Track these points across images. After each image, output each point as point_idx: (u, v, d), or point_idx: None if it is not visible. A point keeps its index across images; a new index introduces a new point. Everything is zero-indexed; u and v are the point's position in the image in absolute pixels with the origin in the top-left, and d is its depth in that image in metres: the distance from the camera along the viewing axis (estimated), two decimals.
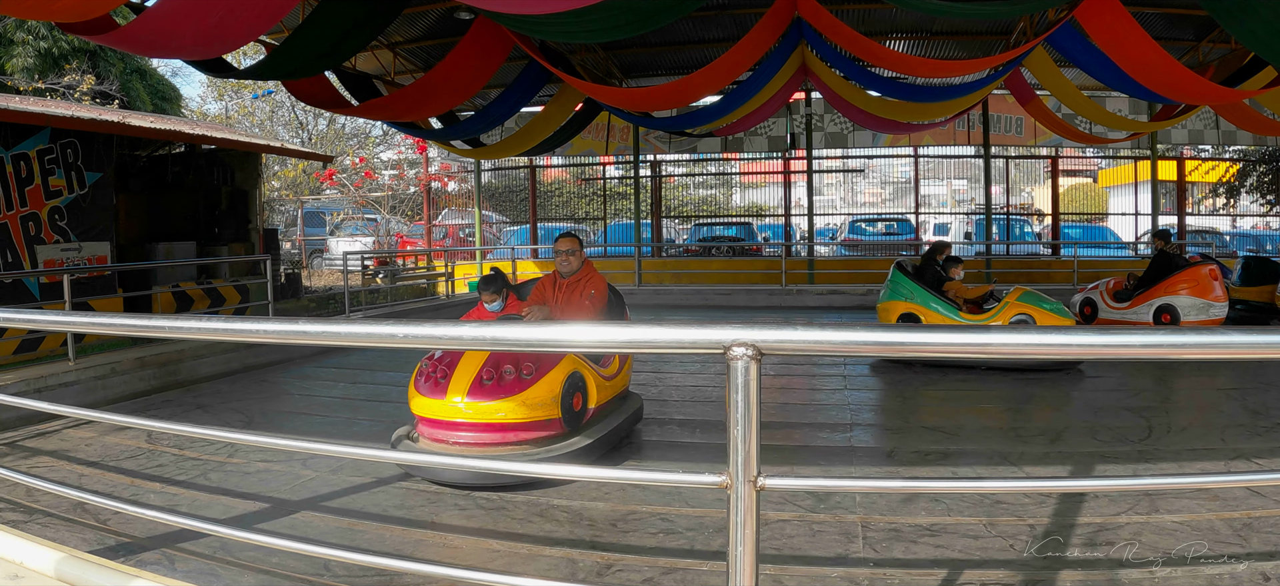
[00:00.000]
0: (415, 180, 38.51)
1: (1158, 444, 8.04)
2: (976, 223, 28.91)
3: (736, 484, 2.75)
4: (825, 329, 2.78)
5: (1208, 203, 34.08)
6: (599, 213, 29.93)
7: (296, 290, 21.67)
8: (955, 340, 2.88)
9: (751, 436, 2.72)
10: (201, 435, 5.29)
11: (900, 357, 9.76)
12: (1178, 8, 17.62)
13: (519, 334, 3.15)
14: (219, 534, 4.68)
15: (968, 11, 13.21)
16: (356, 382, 11.60)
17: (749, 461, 2.72)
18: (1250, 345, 2.77)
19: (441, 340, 3.18)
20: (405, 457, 6.14)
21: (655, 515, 5.89)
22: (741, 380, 2.70)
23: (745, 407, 2.70)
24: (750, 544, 2.77)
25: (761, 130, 25.07)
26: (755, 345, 2.68)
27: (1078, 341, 2.87)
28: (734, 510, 2.77)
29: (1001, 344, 2.88)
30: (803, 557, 5.19)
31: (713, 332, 2.76)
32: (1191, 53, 19.69)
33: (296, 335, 3.58)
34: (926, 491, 6.22)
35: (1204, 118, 24.49)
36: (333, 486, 6.62)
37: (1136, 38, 13.21)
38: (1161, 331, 2.72)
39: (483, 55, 14.49)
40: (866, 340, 2.84)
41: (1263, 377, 10.94)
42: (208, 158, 20.07)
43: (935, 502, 6.05)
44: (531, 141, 20.28)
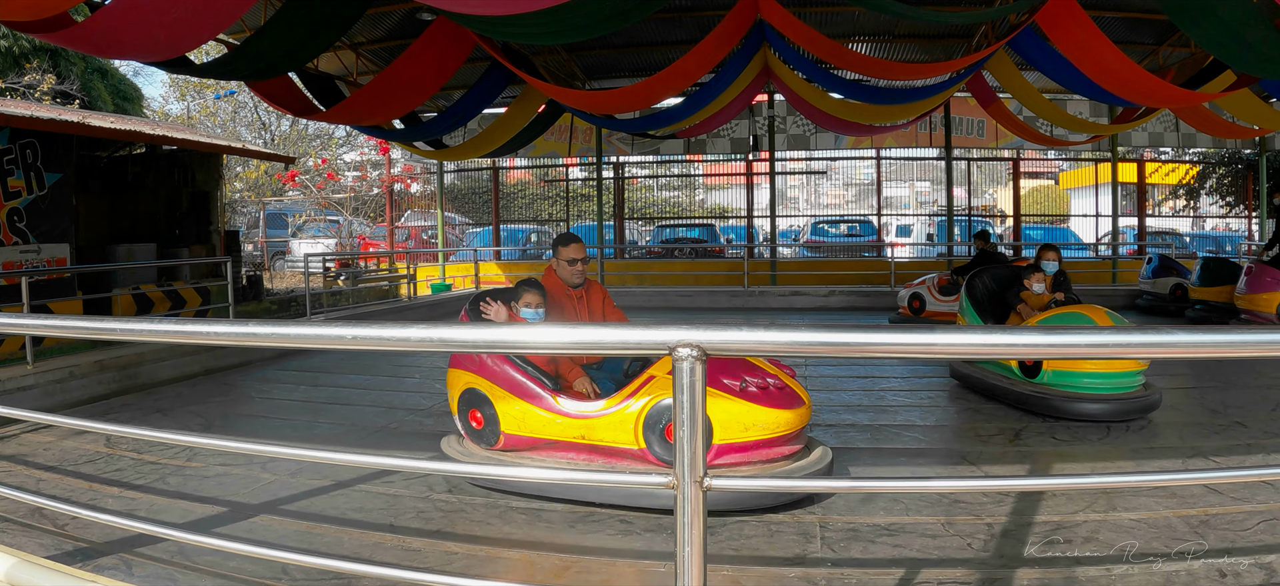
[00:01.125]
0: (378, 182, 38.37)
1: (1115, 443, 8.10)
2: (939, 224, 29.05)
3: (683, 484, 2.75)
4: (770, 330, 2.79)
5: (1168, 204, 34.38)
6: (562, 214, 29.91)
7: (258, 292, 21.55)
8: (899, 340, 2.88)
9: (697, 437, 2.73)
10: (160, 439, 5.26)
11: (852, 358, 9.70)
12: (1138, 12, 17.79)
13: (477, 336, 3.15)
14: (177, 538, 4.67)
15: (930, 15, 13.28)
16: (317, 385, 11.56)
17: (695, 462, 2.73)
18: (1208, 344, 2.80)
19: (400, 342, 3.17)
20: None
21: (614, 516, 5.88)
22: (687, 381, 2.70)
23: (691, 408, 2.71)
24: (697, 544, 2.78)
25: (724, 132, 25.14)
26: (700, 346, 2.69)
27: (1036, 341, 2.89)
28: (681, 510, 2.77)
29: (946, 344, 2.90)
30: (761, 558, 5.20)
31: (658, 333, 2.77)
32: (1152, 56, 19.86)
33: (256, 337, 3.56)
34: (880, 491, 6.25)
35: (1164, 120, 24.70)
36: (291, 489, 6.59)
37: (1097, 41, 13.32)
38: (1117, 332, 2.74)
39: (443, 56, 14.48)
40: (810, 341, 2.84)
41: (1220, 376, 11.05)
42: (169, 159, 19.97)
43: (894, 502, 6.07)
44: (494, 143, 20.26)
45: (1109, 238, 26.61)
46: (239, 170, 37.62)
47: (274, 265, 34.65)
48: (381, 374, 12.12)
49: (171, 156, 20.01)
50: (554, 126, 21.87)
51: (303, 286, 17.43)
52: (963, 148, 25.95)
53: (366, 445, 8.27)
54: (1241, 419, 8.85)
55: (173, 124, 28.77)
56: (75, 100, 28.11)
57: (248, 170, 38.08)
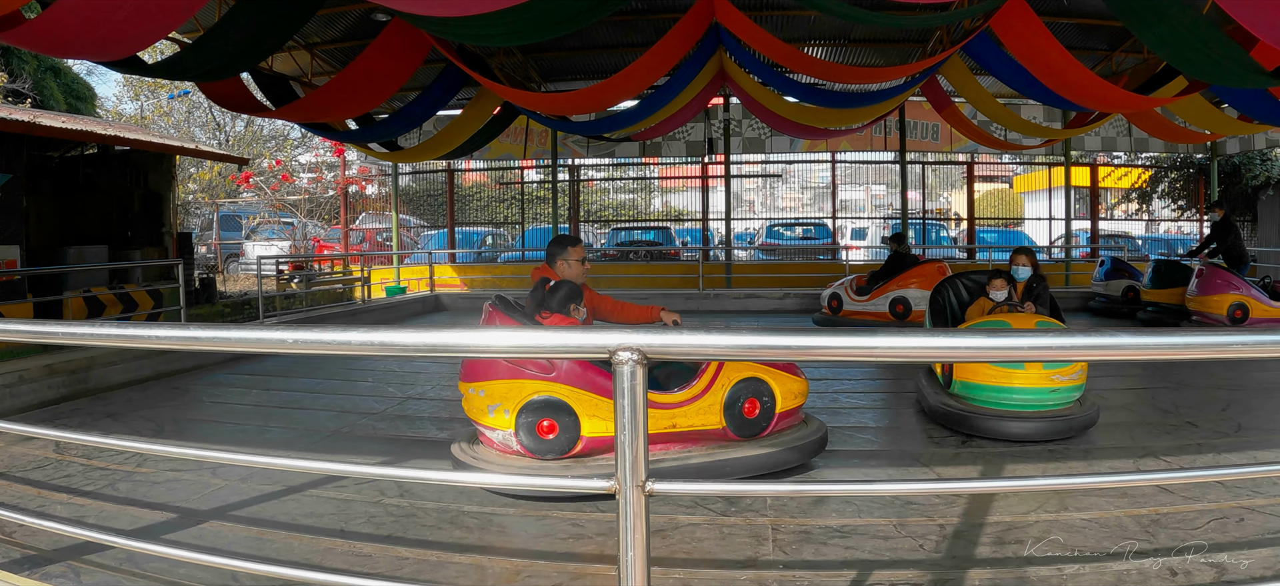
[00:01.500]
0: (333, 183, 38.22)
1: (1068, 443, 8.16)
2: (893, 227, 29.18)
3: (625, 488, 2.75)
4: (710, 333, 2.79)
5: (1121, 208, 34.67)
6: (517, 217, 29.85)
7: (211, 295, 21.41)
8: (836, 344, 2.88)
9: (639, 440, 2.73)
10: (110, 445, 5.20)
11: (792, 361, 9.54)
12: (1091, 18, 17.93)
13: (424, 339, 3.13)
14: (125, 546, 4.62)
15: (885, 20, 13.33)
16: (270, 389, 11.48)
17: (637, 465, 2.73)
18: (1159, 346, 2.83)
19: (345, 345, 3.16)
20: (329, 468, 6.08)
21: (566, 520, 5.87)
22: (627, 384, 2.71)
23: (632, 412, 2.71)
24: (640, 547, 2.78)
25: (680, 135, 25.16)
26: (640, 349, 2.69)
27: (982, 344, 2.90)
28: (623, 514, 2.78)
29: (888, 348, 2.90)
30: (713, 561, 5.20)
31: (599, 337, 2.76)
32: (1105, 62, 20.03)
33: (207, 342, 3.53)
34: (832, 494, 6.26)
35: (1117, 125, 24.93)
36: (242, 495, 6.53)
37: (1050, 47, 13.41)
38: (1070, 335, 2.76)
39: (399, 57, 14.40)
40: (749, 344, 2.85)
41: (1172, 377, 11.17)
42: (121, 159, 19.81)
43: (846, 504, 6.09)
44: (449, 145, 20.19)
45: (1062, 241, 26.82)
46: (193, 171, 37.35)
47: (228, 268, 34.43)
48: (335, 377, 12.05)
49: (124, 157, 19.86)
50: (510, 129, 21.83)
51: (256, 289, 17.32)
52: (917, 151, 26.07)
53: (319, 450, 8.19)
54: (1192, 419, 8.95)
55: (126, 124, 28.52)
56: (27, 99, 27.82)
57: (201, 171, 37.80)
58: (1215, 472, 3.41)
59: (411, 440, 8.54)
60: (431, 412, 9.76)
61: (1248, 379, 11.13)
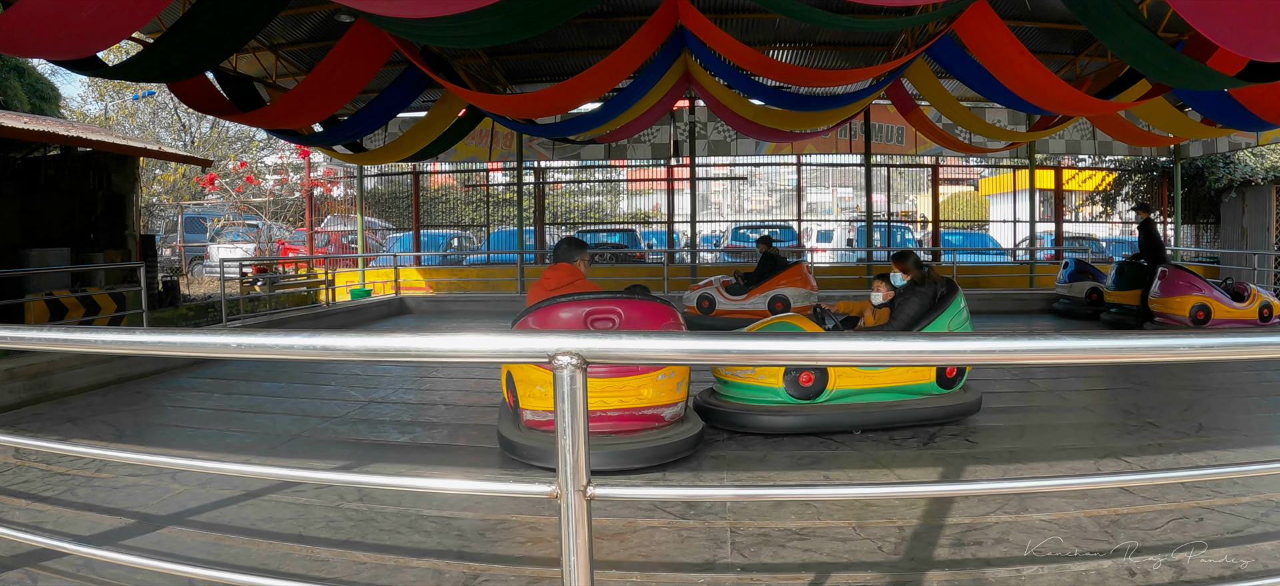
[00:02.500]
0: (298, 185, 38.05)
1: (1030, 443, 8.22)
2: (859, 230, 29.26)
3: (566, 493, 2.75)
4: (648, 337, 2.80)
5: (1085, 210, 34.86)
6: (483, 219, 29.80)
7: (174, 298, 21.31)
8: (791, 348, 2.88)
9: (580, 445, 2.72)
10: (69, 451, 5.16)
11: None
12: (1056, 22, 18.03)
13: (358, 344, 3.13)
14: (82, 553, 4.59)
15: (849, 23, 13.37)
16: (232, 393, 11.40)
17: (578, 470, 2.72)
18: (1121, 349, 2.84)
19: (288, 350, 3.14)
20: None
21: (525, 524, 5.86)
22: (567, 388, 2.70)
23: (572, 416, 2.70)
24: (583, 552, 2.77)
25: (645, 137, 25.18)
26: (579, 353, 2.68)
27: (950, 348, 2.90)
28: (565, 519, 2.77)
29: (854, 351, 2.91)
30: (670, 564, 5.20)
31: (538, 341, 2.76)
32: (1069, 66, 20.16)
33: (164, 346, 3.51)
34: (790, 498, 6.26)
35: (1081, 128, 25.11)
36: (201, 500, 6.49)
37: (1014, 51, 13.49)
38: (1036, 338, 2.78)
39: (362, 59, 14.36)
40: (688, 349, 2.85)
41: (1134, 378, 11.26)
42: (84, 160, 19.70)
43: (806, 507, 6.09)
44: (414, 147, 20.14)
45: (1027, 243, 26.97)
46: (157, 173, 37.13)
47: (192, 270, 34.27)
48: (297, 381, 12.00)
49: (87, 158, 19.75)
50: (475, 131, 21.77)
51: (220, 292, 17.25)
52: (883, 154, 26.18)
53: (279, 454, 8.14)
54: (1153, 419, 9.03)
55: (89, 125, 28.37)
56: None
57: (165, 173, 37.57)
58: (1176, 474, 3.43)
59: (372, 444, 8.51)
60: (393, 416, 9.73)
61: (1210, 380, 11.24)
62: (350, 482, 3.69)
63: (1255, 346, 2.91)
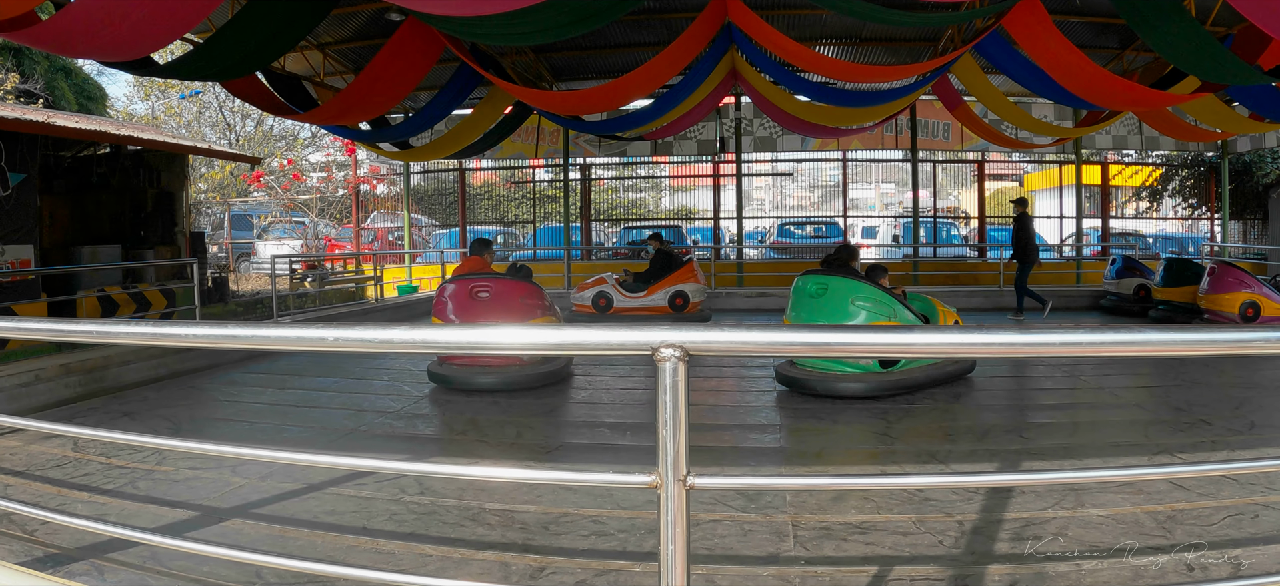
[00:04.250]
0: (344, 183, 38.18)
1: (1083, 440, 8.22)
2: (904, 226, 29.16)
3: (666, 483, 2.77)
4: (752, 331, 2.81)
5: (1131, 206, 34.63)
6: (529, 216, 29.83)
7: (223, 294, 21.46)
8: (881, 340, 2.91)
9: (680, 436, 2.74)
10: (129, 442, 5.21)
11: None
12: (1103, 17, 17.91)
13: (449, 337, 3.15)
14: (149, 542, 4.63)
15: (897, 18, 13.33)
16: (285, 388, 11.49)
17: (679, 461, 2.75)
18: (1171, 343, 2.85)
19: (369, 343, 3.17)
20: None
21: (587, 517, 5.88)
22: (670, 381, 2.73)
23: (674, 408, 2.72)
24: (681, 542, 2.79)
25: (691, 134, 25.15)
26: (683, 346, 2.71)
27: (1007, 340, 2.91)
28: (665, 509, 2.79)
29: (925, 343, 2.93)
30: (734, 557, 5.22)
31: (642, 334, 2.79)
32: (1116, 60, 20.02)
33: (224, 339, 3.54)
34: (855, 489, 6.29)
35: (1128, 123, 24.92)
36: (263, 493, 6.54)
37: (1062, 46, 13.41)
38: (1083, 331, 2.78)
39: (413, 57, 14.41)
40: (793, 341, 2.87)
41: (1184, 375, 11.20)
42: (133, 159, 19.86)
43: (865, 500, 6.10)
44: (460, 144, 20.19)
45: (1073, 239, 26.81)
46: (204, 171, 37.35)
47: (239, 267, 34.48)
48: (350, 377, 12.07)
49: (136, 157, 19.91)
50: (521, 128, 21.81)
51: (269, 288, 17.32)
52: (928, 150, 26.05)
53: (336, 448, 8.19)
54: (1205, 416, 8.97)
55: (137, 124, 28.60)
56: (39, 99, 27.92)
57: (212, 171, 37.80)
58: (1230, 467, 3.42)
59: (428, 438, 8.58)
60: (447, 412, 9.77)
61: (1260, 376, 11.16)
62: (429, 473, 3.74)
63: None
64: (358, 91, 14.71)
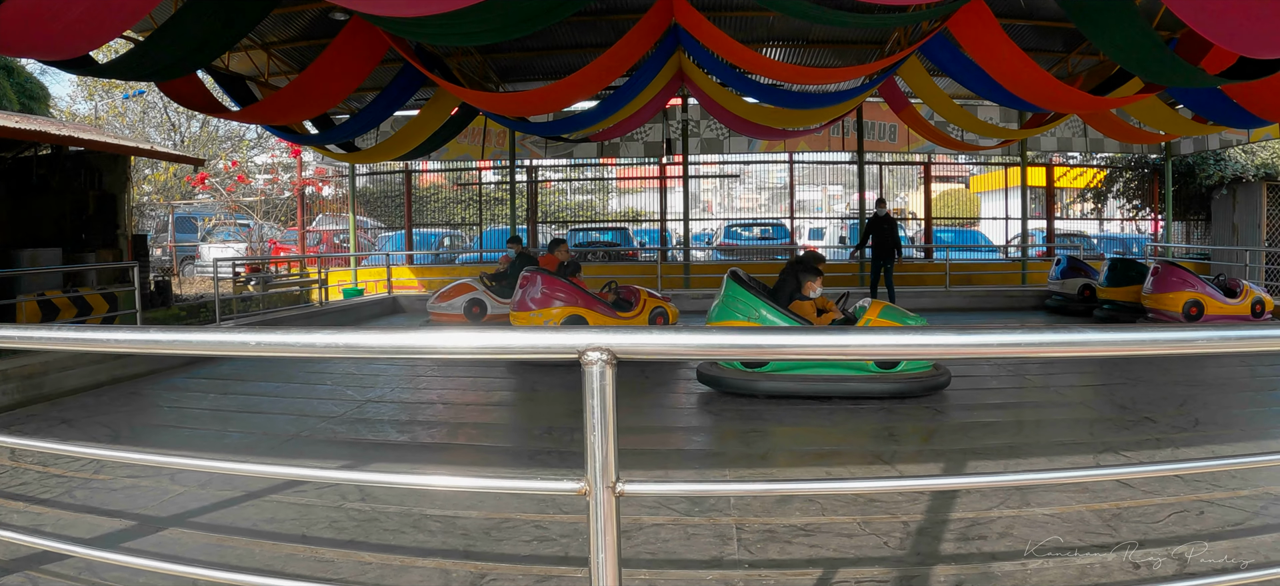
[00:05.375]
0: (289, 185, 37.91)
1: (1029, 439, 8.27)
2: (851, 227, 29.26)
3: (595, 490, 2.72)
4: (680, 333, 2.78)
5: (1076, 207, 34.92)
6: (475, 218, 29.70)
7: (166, 298, 21.24)
8: (814, 342, 2.87)
9: (609, 442, 2.70)
10: (67, 451, 5.12)
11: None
12: (1049, 20, 18.04)
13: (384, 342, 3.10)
14: (84, 555, 4.55)
15: (844, 20, 13.34)
16: (227, 393, 11.35)
17: (607, 467, 2.70)
18: (1115, 343, 2.84)
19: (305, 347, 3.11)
20: None
21: (529, 523, 5.83)
22: (597, 384, 2.68)
23: (602, 412, 2.68)
24: (612, 550, 2.75)
25: (638, 136, 25.15)
26: (610, 349, 2.66)
27: (939, 342, 2.88)
28: (594, 517, 2.74)
29: (860, 345, 2.90)
30: (677, 561, 5.19)
31: (567, 338, 2.72)
32: (1061, 63, 20.17)
33: (166, 344, 3.47)
34: (794, 493, 6.27)
35: (1073, 126, 25.14)
36: (202, 501, 6.45)
37: (1007, 49, 13.48)
38: (1029, 332, 2.76)
39: (357, 57, 14.30)
40: (721, 343, 2.84)
41: (1129, 373, 11.33)
42: (75, 160, 19.62)
43: (810, 503, 6.10)
44: (407, 146, 20.07)
45: (1018, 240, 27.00)
46: (148, 173, 36.92)
47: (184, 270, 34.11)
48: (293, 381, 11.95)
49: (78, 158, 19.68)
50: (467, 129, 21.73)
51: (212, 292, 17.14)
52: (875, 152, 26.18)
53: (277, 454, 8.09)
54: (1150, 414, 9.06)
55: (80, 124, 28.21)
56: None
57: (156, 173, 37.35)
58: (1176, 467, 3.43)
59: (371, 444, 8.48)
60: (391, 416, 9.69)
61: (1204, 374, 11.30)
62: (368, 481, 3.65)
63: (1251, 340, 2.92)
64: (299, 91, 14.57)
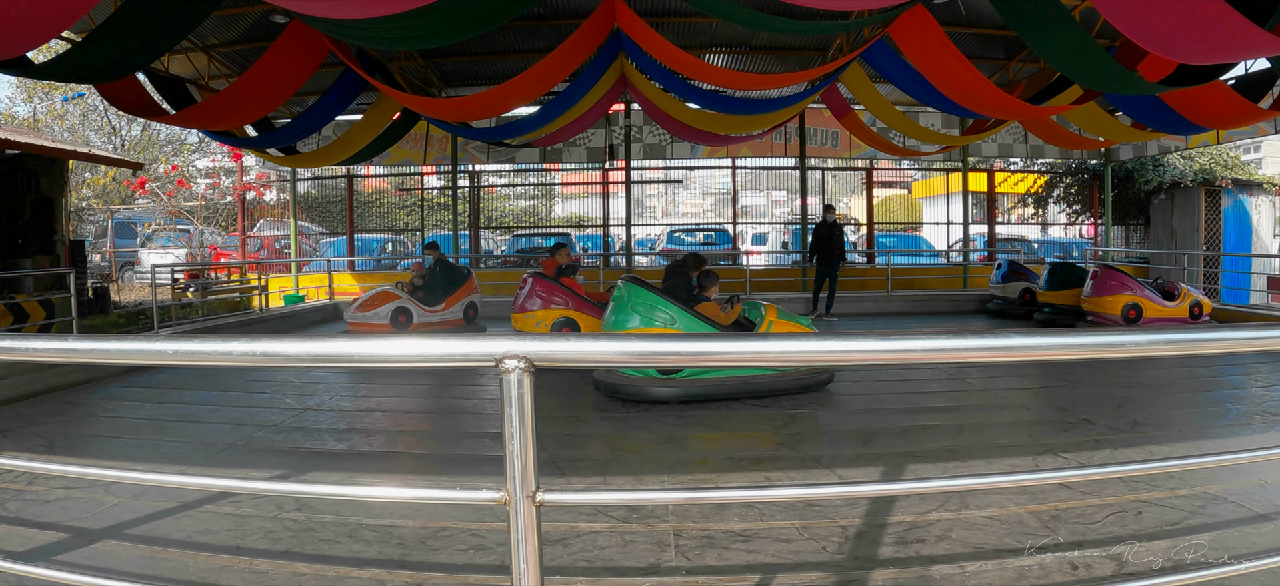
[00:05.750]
0: (231, 190, 37.56)
1: (968, 442, 8.32)
2: (793, 232, 29.34)
3: (515, 499, 2.70)
4: (598, 340, 2.76)
5: (1017, 212, 35.20)
6: (418, 224, 29.51)
7: (105, 305, 21.00)
8: (731, 349, 2.86)
9: (528, 450, 2.67)
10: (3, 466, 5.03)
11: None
12: (990, 28, 18.18)
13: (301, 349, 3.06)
14: (13, 570, 4.48)
15: (784, 26, 13.40)
16: (165, 402, 11.19)
17: (527, 476, 2.68)
18: (1054, 347, 2.85)
19: (222, 355, 3.06)
20: None
21: (466, 531, 5.80)
22: (515, 393, 2.65)
23: (520, 421, 2.65)
24: (533, 559, 2.72)
25: (580, 141, 25.11)
26: (528, 357, 2.63)
27: (872, 347, 2.88)
28: (514, 527, 2.72)
29: (780, 352, 2.88)
30: (614, 569, 5.17)
31: (485, 345, 2.70)
32: (1002, 71, 20.34)
33: (96, 354, 3.42)
34: (730, 501, 6.26)
35: (1013, 132, 25.37)
36: (136, 513, 6.36)
37: (948, 56, 13.58)
38: (971, 337, 2.77)
39: (297, 60, 14.18)
40: (639, 350, 2.83)
41: (1069, 375, 11.44)
42: (11, 163, 19.37)
43: (748, 508, 6.09)
44: (348, 151, 19.93)
45: (960, 245, 27.18)
46: (87, 177, 36.49)
47: (123, 276, 33.71)
48: (231, 389, 11.84)
49: (14, 161, 19.42)
50: (410, 134, 21.62)
51: (151, 298, 16.96)
52: (818, 157, 26.27)
53: (215, 464, 8.00)
54: (1089, 416, 9.15)
55: (17, 127, 27.89)
56: None
57: (96, 177, 36.91)
58: (1116, 469, 3.45)
59: (309, 452, 8.40)
60: (330, 423, 9.61)
61: (1142, 376, 11.44)
62: (289, 492, 3.61)
63: (1187, 343, 2.94)
64: (239, 94, 14.43)
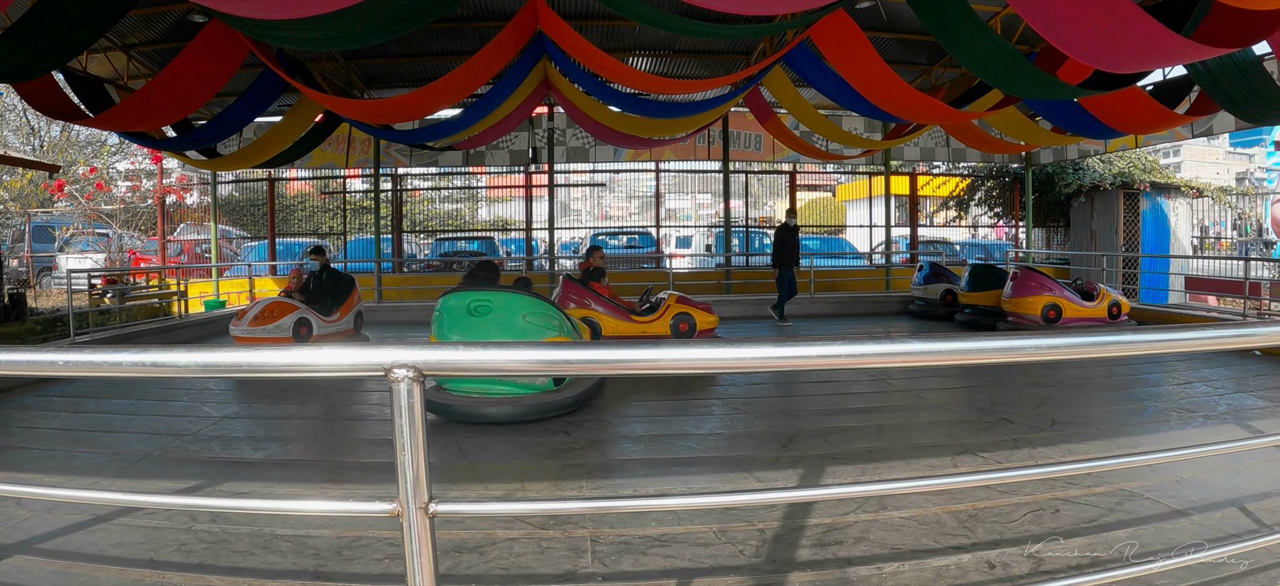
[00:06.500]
0: (151, 192, 37.09)
1: (887, 442, 8.37)
2: (717, 235, 29.42)
3: (408, 511, 2.69)
4: (488, 349, 2.74)
5: (939, 215, 35.52)
6: (341, 227, 29.25)
7: (21, 312, 20.62)
8: (632, 356, 2.84)
9: (419, 461, 2.66)
10: None
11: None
12: (911, 33, 18.33)
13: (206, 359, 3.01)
14: None
15: (708, 30, 13.43)
16: (79, 411, 11.00)
17: (419, 487, 2.67)
18: (971, 351, 2.87)
19: (111, 366, 3.00)
20: None
21: (382, 540, 5.76)
22: (405, 402, 2.64)
23: (411, 431, 2.64)
24: (428, 572, 2.71)
25: (504, 144, 25.02)
26: (417, 366, 2.61)
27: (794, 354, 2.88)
28: (408, 538, 2.71)
29: (692, 359, 2.87)
30: (530, 576, 5.15)
31: (374, 355, 2.67)
32: (924, 75, 20.53)
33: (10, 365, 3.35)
34: (648, 510, 6.26)
35: (935, 136, 25.59)
36: (48, 526, 6.24)
37: (869, 60, 13.68)
38: (889, 342, 2.78)
39: (216, 60, 13.98)
40: (530, 359, 2.81)
41: (990, 376, 11.57)
42: None
43: (667, 512, 6.09)
44: (269, 152, 19.70)
45: (883, 247, 27.37)
46: (4, 179, 35.93)
47: (41, 282, 33.19)
48: (148, 398, 11.65)
49: None
50: (332, 136, 21.46)
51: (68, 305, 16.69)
52: (741, 161, 26.37)
53: (129, 475, 7.88)
54: (1008, 415, 9.26)
55: None
56: None
57: (13, 179, 36.32)
58: (1035, 472, 3.48)
59: (225, 462, 8.29)
60: (247, 433, 9.50)
61: (1062, 376, 11.60)
62: (185, 506, 3.54)
63: (1103, 345, 2.97)
64: (156, 94, 14.19)
